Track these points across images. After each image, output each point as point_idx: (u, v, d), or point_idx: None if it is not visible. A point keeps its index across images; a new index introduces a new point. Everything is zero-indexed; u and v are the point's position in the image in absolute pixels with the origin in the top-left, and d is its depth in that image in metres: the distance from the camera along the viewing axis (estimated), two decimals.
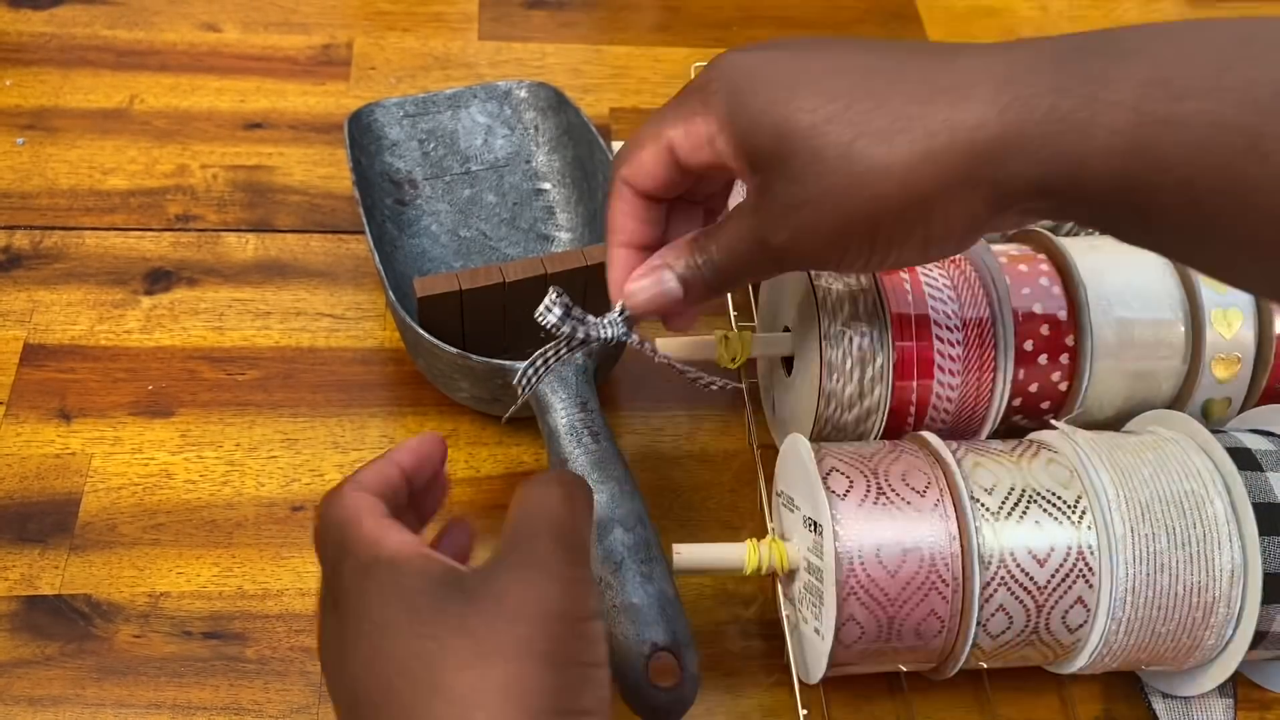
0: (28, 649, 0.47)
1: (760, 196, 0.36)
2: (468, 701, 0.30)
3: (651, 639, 0.40)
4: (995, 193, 0.33)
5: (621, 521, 0.42)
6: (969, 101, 0.32)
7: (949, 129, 0.32)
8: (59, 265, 0.59)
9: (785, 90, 0.34)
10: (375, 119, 0.61)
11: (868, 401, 0.48)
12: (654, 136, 0.38)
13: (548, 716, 0.30)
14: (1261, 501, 0.42)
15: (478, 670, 0.31)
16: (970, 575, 0.41)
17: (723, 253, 0.38)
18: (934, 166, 0.33)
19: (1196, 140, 0.30)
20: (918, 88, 0.33)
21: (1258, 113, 0.29)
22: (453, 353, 0.48)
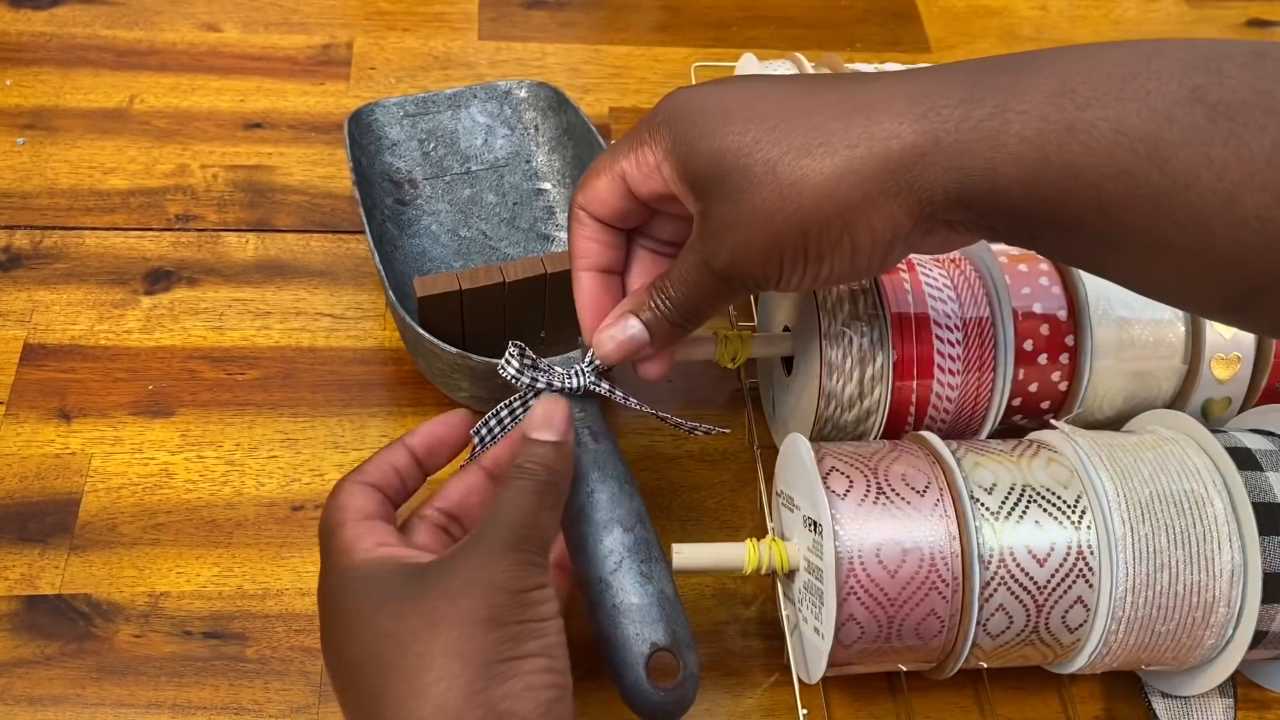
0: (28, 649, 0.47)
1: (702, 222, 0.38)
2: (420, 667, 0.34)
3: (651, 639, 0.40)
4: (916, 202, 0.35)
5: (621, 521, 0.42)
6: (885, 115, 0.34)
7: (867, 140, 0.34)
8: (59, 265, 0.59)
9: (719, 118, 0.37)
10: (376, 118, 0.61)
11: (868, 401, 0.48)
12: (608, 166, 0.40)
13: (489, 665, 0.34)
14: (1261, 501, 0.42)
15: (425, 640, 0.35)
16: (970, 575, 0.41)
17: (677, 288, 0.40)
18: (854, 177, 0.34)
19: (1101, 147, 0.31)
20: (837, 105, 0.35)
21: (1156, 120, 0.30)
22: (453, 352, 0.48)
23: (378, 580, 0.37)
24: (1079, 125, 0.31)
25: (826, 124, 0.35)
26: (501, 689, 0.34)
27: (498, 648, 0.35)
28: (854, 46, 0.75)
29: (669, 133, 0.38)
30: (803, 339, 0.49)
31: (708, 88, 0.39)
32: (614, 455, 0.44)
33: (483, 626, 0.35)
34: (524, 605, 0.36)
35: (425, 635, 0.35)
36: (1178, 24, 0.81)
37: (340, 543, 0.39)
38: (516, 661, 0.35)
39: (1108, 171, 0.31)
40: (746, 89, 0.38)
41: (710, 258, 0.38)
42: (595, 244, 0.42)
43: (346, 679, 0.37)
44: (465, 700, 0.34)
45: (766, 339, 0.51)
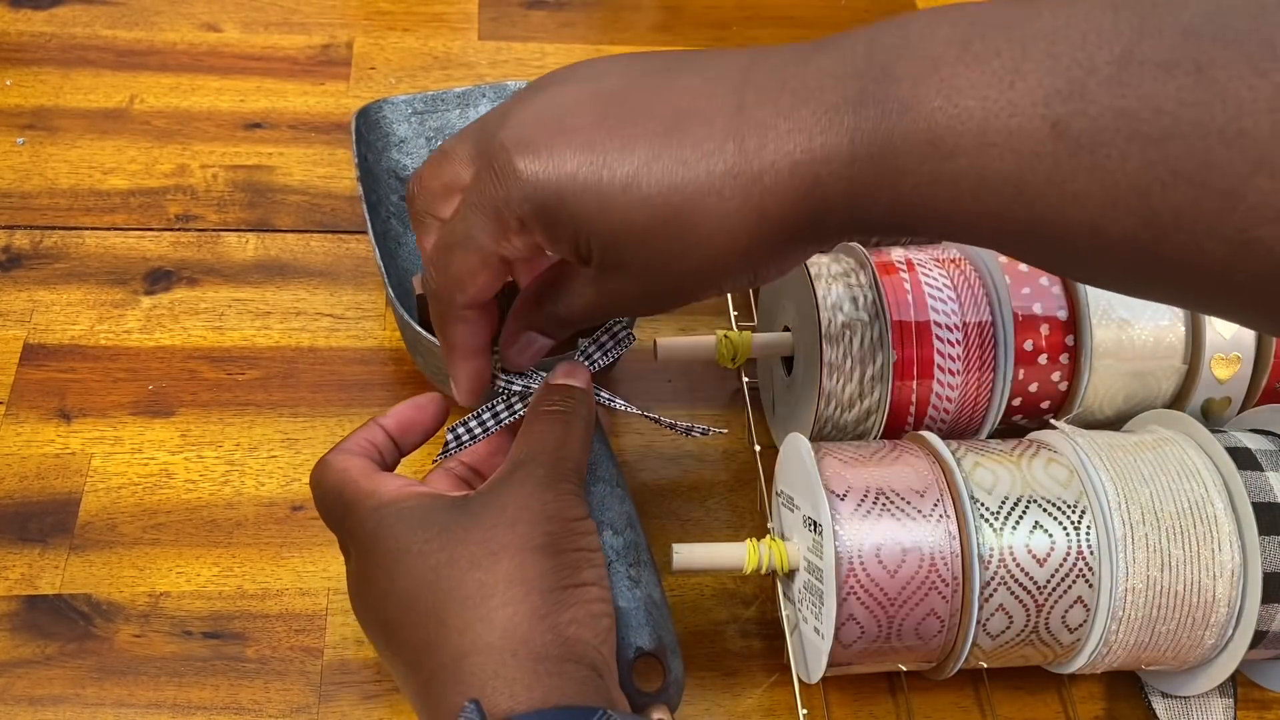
0: (28, 649, 0.47)
1: (602, 285, 0.37)
2: (483, 593, 0.35)
3: (636, 643, 0.40)
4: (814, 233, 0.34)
5: (611, 524, 0.42)
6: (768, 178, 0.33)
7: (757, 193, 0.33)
8: (59, 265, 0.59)
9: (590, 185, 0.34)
10: (384, 115, 0.61)
11: (868, 401, 0.48)
12: (480, 259, 0.37)
13: (553, 592, 0.35)
14: (1261, 501, 0.42)
15: (485, 567, 0.35)
16: (970, 575, 0.41)
17: (576, 314, 0.40)
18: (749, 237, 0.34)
19: (967, 194, 0.31)
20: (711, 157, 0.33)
21: (1019, 163, 0.30)
22: None
23: (419, 514, 0.37)
24: (945, 177, 0.31)
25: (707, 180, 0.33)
26: (567, 614, 0.35)
27: (558, 574, 0.36)
28: None
29: (536, 212, 0.35)
30: (803, 339, 0.49)
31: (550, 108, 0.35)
32: (606, 458, 0.44)
33: (541, 553, 0.36)
34: (575, 534, 0.37)
35: (485, 562, 0.35)
36: None
37: (359, 493, 0.39)
38: (576, 589, 0.36)
39: (975, 214, 0.31)
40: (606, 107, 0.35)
41: (615, 311, 0.39)
42: (483, 334, 0.40)
43: (398, 615, 0.36)
44: (533, 624, 0.34)
45: (766, 339, 0.51)
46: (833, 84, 0.33)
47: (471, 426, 0.44)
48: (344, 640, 0.48)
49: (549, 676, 0.34)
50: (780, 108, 0.33)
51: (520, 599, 0.35)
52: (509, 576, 0.35)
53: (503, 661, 0.34)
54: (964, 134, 0.31)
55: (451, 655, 0.35)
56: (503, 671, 0.34)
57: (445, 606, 0.35)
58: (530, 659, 0.34)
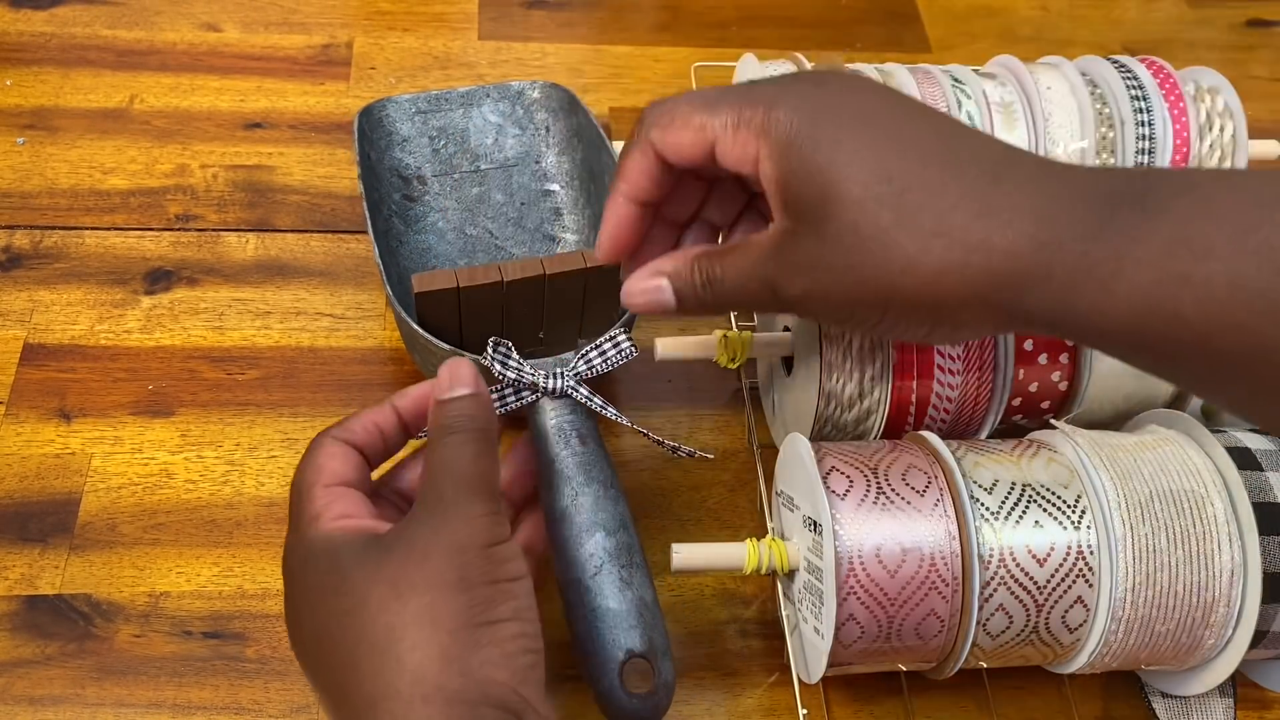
0: (28, 649, 0.47)
1: (784, 242, 0.36)
2: (392, 637, 0.34)
3: (627, 645, 0.40)
4: (1007, 315, 0.34)
5: (604, 525, 0.42)
6: (1010, 230, 0.33)
7: (984, 250, 0.33)
8: (59, 265, 0.59)
9: (846, 150, 0.35)
10: (387, 114, 0.61)
11: (868, 401, 0.48)
12: (700, 122, 0.38)
13: (464, 631, 0.34)
14: (1261, 501, 0.42)
15: (395, 608, 0.34)
16: (970, 575, 0.41)
17: (731, 283, 0.39)
18: (958, 280, 0.34)
19: (1215, 300, 0.30)
20: (966, 199, 0.34)
21: (1277, 275, 0.30)
22: (446, 349, 0.49)
23: (341, 551, 0.36)
24: (1195, 278, 0.31)
25: (950, 215, 0.34)
26: (479, 655, 0.34)
27: (469, 612, 0.34)
28: (854, 46, 0.75)
29: (786, 134, 0.36)
30: (803, 339, 0.49)
31: (845, 99, 0.36)
32: (601, 459, 0.44)
33: (452, 589, 0.34)
34: (491, 563, 0.35)
35: (393, 604, 0.34)
36: (1178, 24, 0.81)
37: (309, 508, 0.38)
38: (489, 627, 0.34)
39: (1219, 325, 0.31)
40: (883, 125, 0.36)
41: (784, 283, 0.37)
42: (646, 179, 0.39)
43: (315, 651, 0.36)
44: (442, 667, 0.33)
45: (766, 339, 0.51)
46: (1089, 186, 0.34)
47: None
48: None
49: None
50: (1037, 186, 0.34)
51: (428, 641, 0.34)
52: (418, 618, 0.34)
53: (411, 708, 0.33)
54: (1220, 237, 0.31)
55: (365, 701, 0.34)
56: (412, 719, 0.33)
57: (357, 649, 0.34)
58: (442, 704, 0.33)
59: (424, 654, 0.33)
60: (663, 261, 0.40)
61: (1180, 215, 0.32)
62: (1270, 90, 0.77)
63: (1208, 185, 0.32)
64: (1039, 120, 0.55)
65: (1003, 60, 0.58)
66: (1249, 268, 0.30)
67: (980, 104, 0.55)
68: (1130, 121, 0.56)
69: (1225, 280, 0.30)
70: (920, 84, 0.56)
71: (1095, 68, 0.58)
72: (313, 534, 0.38)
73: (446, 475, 0.37)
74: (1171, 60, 0.58)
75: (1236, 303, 0.30)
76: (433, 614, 0.34)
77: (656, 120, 0.39)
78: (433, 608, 0.34)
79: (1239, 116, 0.56)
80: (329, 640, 0.35)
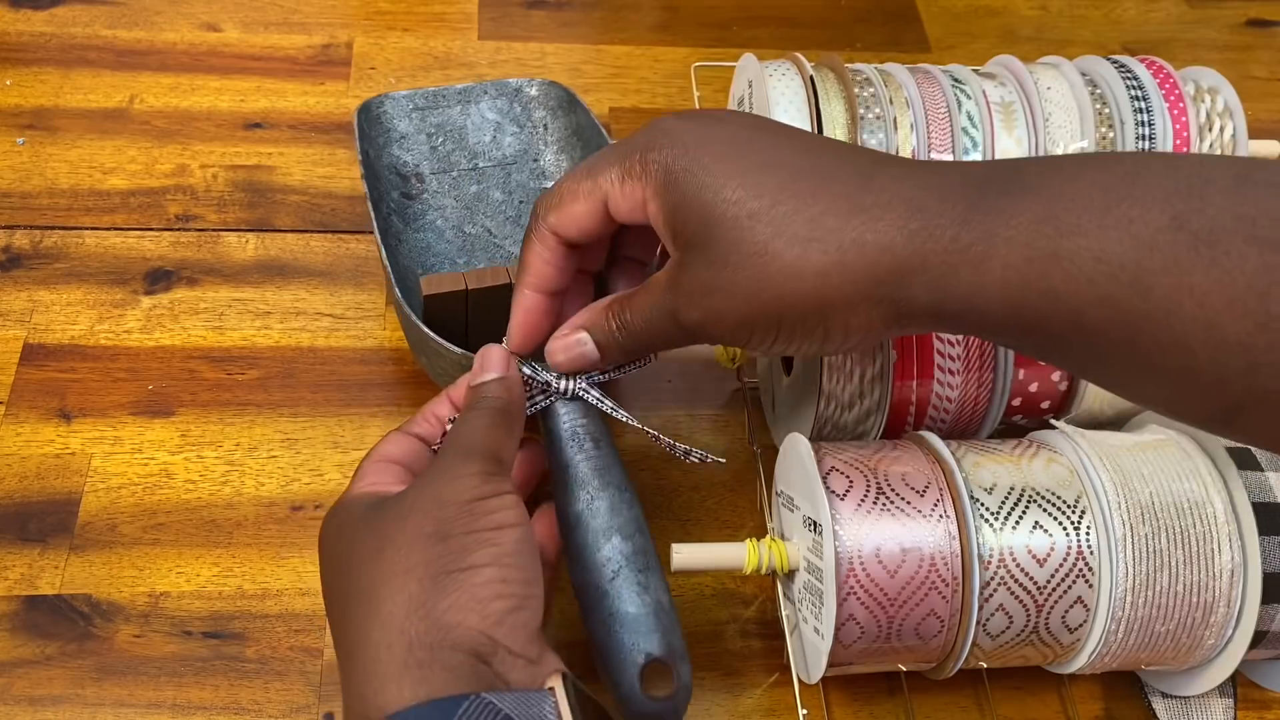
0: (28, 649, 0.47)
1: (678, 273, 0.38)
2: (372, 588, 0.35)
3: (646, 649, 0.39)
4: (894, 310, 0.35)
5: (620, 530, 0.42)
6: (880, 224, 0.35)
7: (859, 247, 0.35)
8: (59, 265, 0.59)
9: (718, 178, 0.36)
10: (385, 111, 0.61)
11: (868, 401, 0.48)
12: (588, 191, 0.39)
13: (433, 579, 0.35)
14: (1261, 501, 0.42)
15: (375, 561, 0.36)
16: (970, 575, 0.41)
17: (639, 323, 0.40)
18: (841, 278, 0.35)
19: (1082, 274, 0.32)
20: (837, 201, 0.35)
21: (1138, 248, 0.31)
22: (457, 352, 0.48)
23: (351, 511, 0.38)
24: (1062, 252, 0.32)
25: (823, 219, 0.35)
26: (446, 600, 0.34)
27: (442, 560, 0.35)
28: (854, 46, 0.75)
29: (665, 172, 0.37)
30: None
31: (709, 130, 0.38)
32: (615, 463, 0.44)
33: (428, 540, 0.35)
34: (472, 515, 0.36)
35: (374, 558, 0.36)
36: (1178, 24, 0.81)
37: (352, 483, 0.40)
38: (461, 573, 0.35)
39: (1089, 298, 0.32)
40: (754, 148, 0.37)
41: (681, 312, 0.38)
42: (550, 267, 0.41)
43: (328, 610, 0.38)
44: (408, 613, 0.34)
45: None
46: (959, 175, 0.35)
47: None
48: None
49: (416, 668, 0.33)
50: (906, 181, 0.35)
51: (399, 589, 0.35)
52: (394, 568, 0.35)
53: (377, 656, 0.34)
54: (1084, 213, 0.32)
55: (348, 652, 0.35)
56: (377, 668, 0.34)
57: (347, 603, 0.36)
58: (402, 650, 0.34)
59: (394, 603, 0.34)
60: (580, 316, 0.42)
61: (1047, 195, 0.33)
62: (1270, 90, 0.77)
63: (1073, 167, 0.34)
64: (1039, 120, 0.55)
65: (1003, 60, 0.58)
66: (1111, 241, 0.31)
67: (980, 104, 0.55)
68: (1130, 121, 0.56)
69: (1091, 255, 0.31)
70: (920, 84, 0.56)
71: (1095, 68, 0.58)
72: (340, 501, 0.40)
73: (453, 443, 0.39)
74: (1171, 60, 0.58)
75: (1102, 275, 0.31)
76: (407, 564, 0.35)
77: (547, 206, 0.41)
78: (408, 558, 0.35)
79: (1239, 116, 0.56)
80: (335, 596, 0.37)
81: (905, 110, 0.55)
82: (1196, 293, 0.30)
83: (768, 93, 0.55)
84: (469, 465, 0.38)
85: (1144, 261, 0.31)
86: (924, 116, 0.55)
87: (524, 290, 0.42)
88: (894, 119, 0.54)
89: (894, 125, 0.54)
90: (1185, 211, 0.30)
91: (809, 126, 0.54)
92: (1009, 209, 0.33)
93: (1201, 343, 0.30)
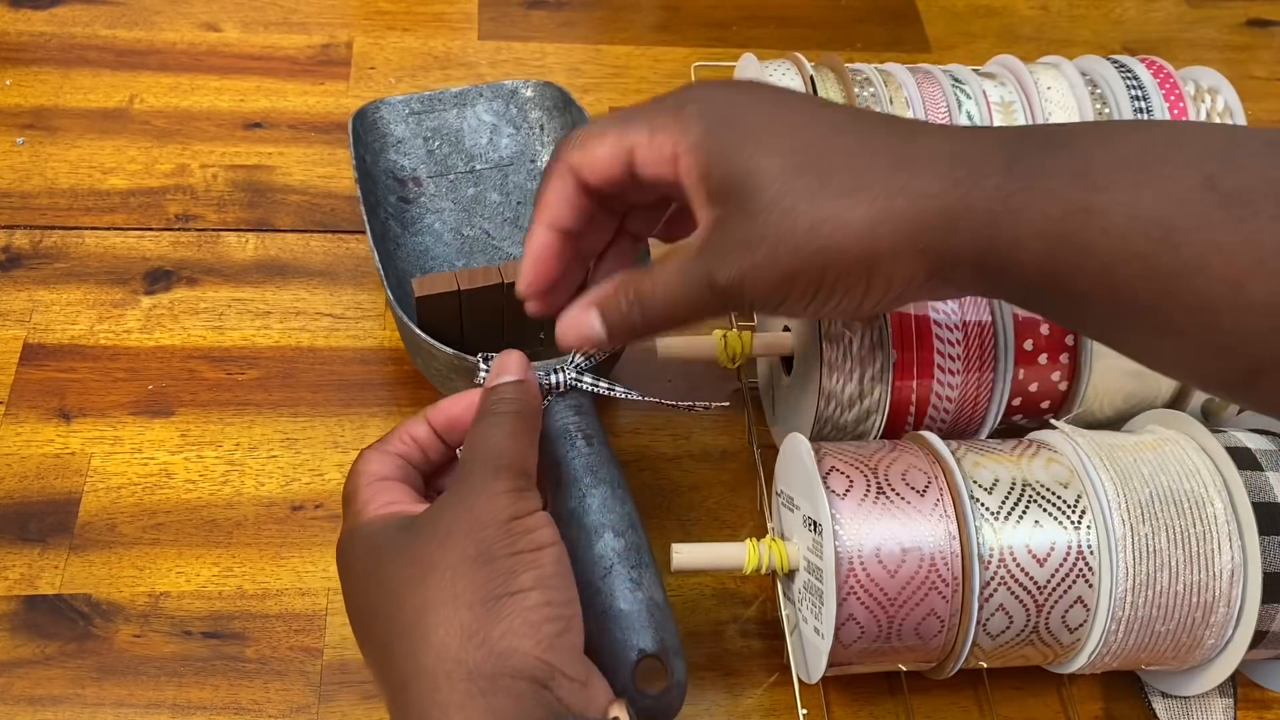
0: (28, 649, 0.47)
1: (712, 232, 0.37)
2: (418, 617, 0.34)
3: (640, 646, 0.39)
4: (938, 260, 0.35)
5: (612, 526, 0.42)
6: (926, 174, 0.35)
7: (905, 194, 0.35)
8: (59, 265, 0.59)
9: (762, 131, 0.36)
10: (381, 115, 0.61)
11: (868, 401, 0.48)
12: (616, 136, 0.39)
13: (483, 604, 0.34)
14: (1261, 501, 0.42)
15: (422, 586, 0.35)
16: (970, 575, 0.41)
17: (660, 293, 0.39)
18: (888, 227, 0.35)
19: (1116, 228, 0.32)
20: (880, 155, 0.35)
21: (1170, 205, 0.31)
22: (449, 353, 0.48)
23: (379, 536, 0.37)
24: (1096, 207, 0.32)
25: (867, 171, 0.35)
26: (500, 626, 0.34)
27: (490, 584, 0.34)
28: (854, 46, 0.75)
29: (700, 126, 0.37)
30: (803, 339, 0.49)
31: (750, 93, 0.38)
32: (607, 459, 0.44)
33: (473, 564, 0.35)
34: (512, 536, 0.36)
35: (418, 585, 0.35)
36: (1178, 24, 0.81)
37: (357, 504, 0.39)
38: (511, 598, 0.34)
39: (1121, 254, 0.32)
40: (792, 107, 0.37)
41: (717, 271, 0.37)
42: (567, 206, 0.40)
43: (363, 636, 0.37)
44: (463, 642, 0.34)
45: (766, 339, 0.51)
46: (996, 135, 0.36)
47: None
48: (344, 640, 0.48)
49: (482, 697, 0.33)
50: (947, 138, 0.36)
51: (450, 618, 0.34)
52: (440, 595, 0.34)
53: (436, 686, 0.33)
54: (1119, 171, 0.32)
55: (400, 682, 0.34)
56: (437, 697, 0.33)
57: (390, 631, 0.35)
58: (463, 679, 0.33)
59: (446, 630, 0.34)
60: (590, 294, 0.41)
61: (1084, 152, 0.33)
62: (1270, 90, 0.77)
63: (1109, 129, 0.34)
64: (1039, 120, 0.55)
65: (1003, 60, 0.58)
66: (1145, 198, 0.31)
67: (980, 104, 0.55)
68: None
69: (1125, 211, 0.32)
70: (920, 84, 0.56)
71: (1095, 68, 0.58)
72: (354, 525, 0.39)
73: (475, 454, 0.38)
74: (1171, 60, 0.58)
75: (1135, 232, 0.32)
76: (454, 590, 0.34)
77: (573, 144, 0.40)
78: (454, 584, 0.34)
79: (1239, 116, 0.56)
80: (373, 624, 0.36)
81: (905, 110, 0.55)
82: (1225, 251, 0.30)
83: None
84: (500, 482, 0.37)
85: (1176, 219, 0.31)
86: (924, 116, 0.55)
87: (538, 227, 0.41)
88: None
89: None
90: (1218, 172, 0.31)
91: None
92: (1048, 162, 0.33)
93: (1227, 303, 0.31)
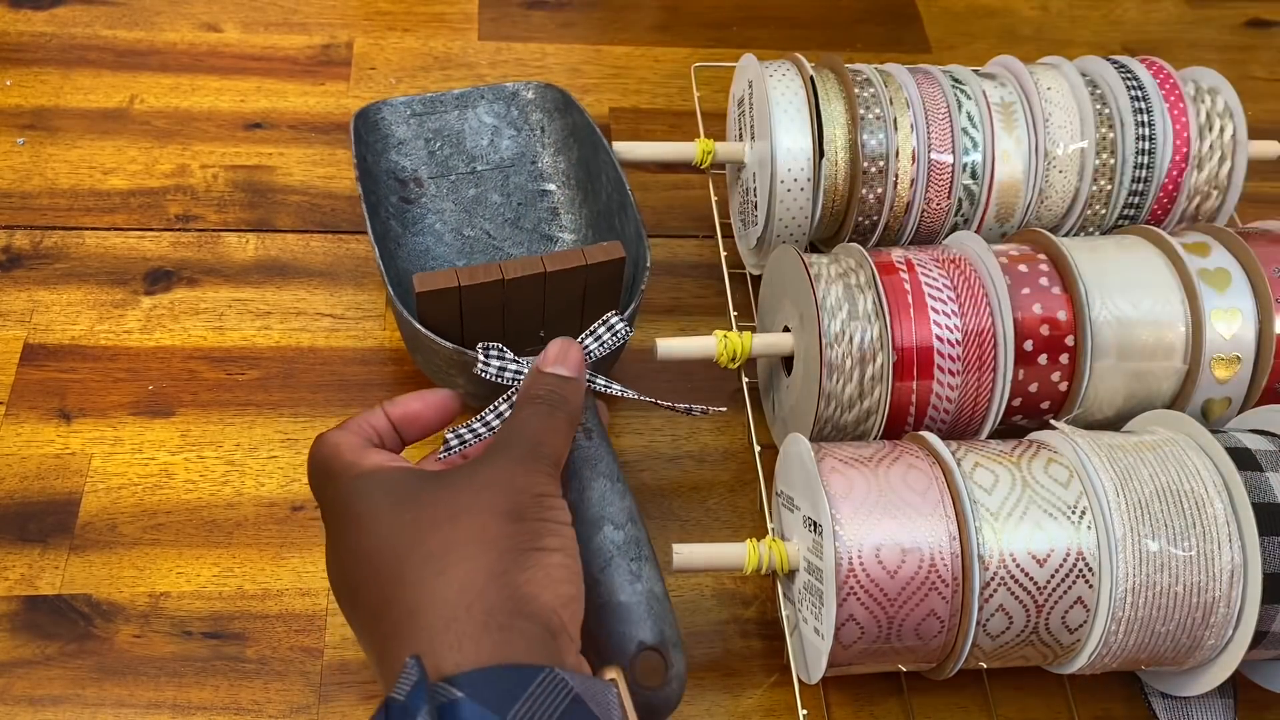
0: (28, 649, 0.47)
1: None
2: (443, 549, 0.35)
3: (638, 638, 0.39)
4: None
5: (611, 519, 0.42)
6: None
7: None
8: (59, 265, 0.59)
9: None
10: (382, 116, 0.61)
11: (868, 401, 0.48)
12: None
13: (512, 553, 0.35)
14: (1261, 501, 0.42)
15: (447, 528, 0.36)
16: (970, 575, 0.41)
17: None
18: None
19: None
20: None
21: None
22: (449, 348, 0.49)
23: (393, 482, 0.38)
24: None
25: None
26: (524, 574, 0.35)
27: (519, 537, 0.36)
28: (854, 46, 0.75)
29: None
30: (803, 339, 0.49)
31: None
32: (606, 453, 0.44)
33: (505, 517, 0.36)
34: (542, 505, 0.37)
35: (447, 525, 0.36)
36: (1178, 24, 0.81)
37: (342, 465, 0.40)
38: (537, 553, 0.36)
39: None
40: None
41: None
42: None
43: (362, 574, 0.37)
44: (489, 580, 0.35)
45: (767, 339, 0.51)
46: None
47: (475, 428, 0.44)
48: (344, 640, 0.48)
49: (498, 631, 0.34)
50: None
51: (477, 555, 0.35)
52: (469, 535, 0.36)
53: (454, 616, 0.34)
54: None
55: (407, 610, 0.35)
56: (453, 626, 0.34)
57: (404, 563, 0.36)
58: (481, 613, 0.34)
59: (471, 565, 0.35)
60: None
61: None
62: (1270, 90, 0.77)
63: None
64: (1039, 120, 0.55)
65: (1003, 60, 0.58)
66: None
67: (980, 104, 0.55)
68: (1130, 122, 0.56)
69: None
70: (920, 84, 0.56)
71: (1095, 68, 0.58)
72: (355, 474, 0.39)
73: (517, 432, 0.40)
74: (1171, 60, 0.58)
75: None
76: (484, 534, 0.36)
77: None
78: (485, 529, 0.36)
79: (1239, 116, 0.56)
80: (376, 559, 0.37)
81: (905, 110, 0.55)
82: None
83: (768, 93, 0.55)
84: (541, 463, 0.39)
85: None
86: (924, 117, 0.55)
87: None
88: (894, 119, 0.54)
89: (894, 125, 0.54)
90: None
91: (809, 126, 0.54)
92: None
93: None
